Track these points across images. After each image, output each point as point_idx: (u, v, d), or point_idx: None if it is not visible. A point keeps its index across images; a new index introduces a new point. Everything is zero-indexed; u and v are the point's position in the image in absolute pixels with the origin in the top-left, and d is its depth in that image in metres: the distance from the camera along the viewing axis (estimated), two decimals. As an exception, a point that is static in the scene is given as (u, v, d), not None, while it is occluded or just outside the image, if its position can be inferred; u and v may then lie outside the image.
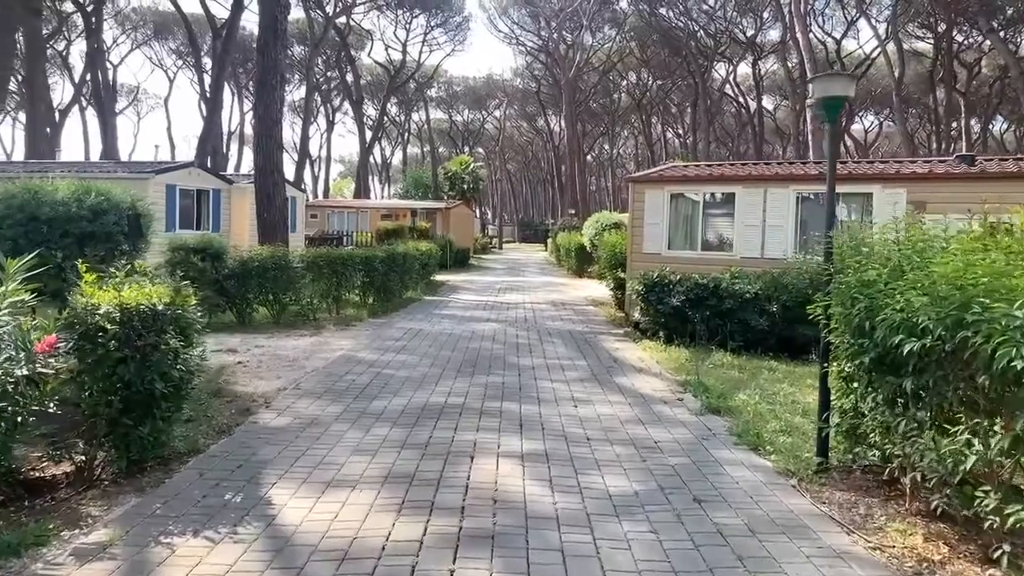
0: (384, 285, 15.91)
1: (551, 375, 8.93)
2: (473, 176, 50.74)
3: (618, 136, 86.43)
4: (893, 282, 4.72)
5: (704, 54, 53.62)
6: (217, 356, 9.76)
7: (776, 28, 56.25)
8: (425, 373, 8.86)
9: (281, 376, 8.59)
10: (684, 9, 51.83)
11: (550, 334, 12.47)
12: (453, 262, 31.52)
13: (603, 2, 54.30)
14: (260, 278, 12.83)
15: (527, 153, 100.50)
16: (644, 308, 11.54)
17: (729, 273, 11.17)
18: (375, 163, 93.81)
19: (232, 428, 6.36)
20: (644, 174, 13.51)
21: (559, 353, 10.51)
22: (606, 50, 60.65)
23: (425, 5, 56.07)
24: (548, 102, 69.66)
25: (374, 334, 12.08)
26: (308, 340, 11.40)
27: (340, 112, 76.77)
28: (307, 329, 12.62)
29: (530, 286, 23.61)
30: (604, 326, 13.77)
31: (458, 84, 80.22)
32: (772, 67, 62.18)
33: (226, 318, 13.09)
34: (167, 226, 16.96)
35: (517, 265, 36.87)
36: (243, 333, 12.03)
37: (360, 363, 9.42)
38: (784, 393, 8.05)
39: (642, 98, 66.56)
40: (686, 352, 10.54)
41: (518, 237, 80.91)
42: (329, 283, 13.93)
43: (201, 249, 12.40)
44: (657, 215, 12.54)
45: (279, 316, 13.31)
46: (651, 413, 7.18)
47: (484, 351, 10.59)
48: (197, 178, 18.23)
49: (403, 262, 16.89)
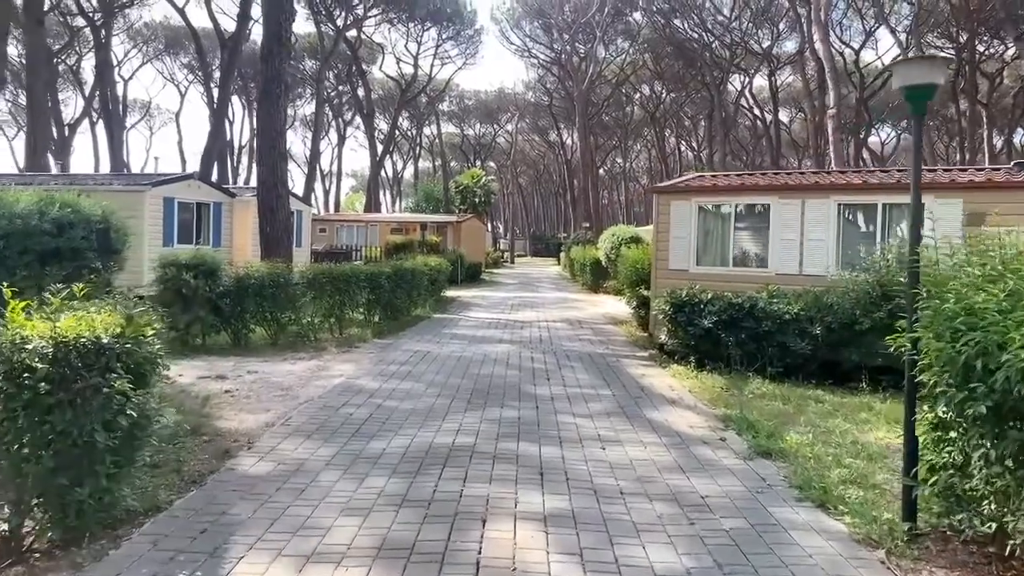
0: (390, 303, 15.02)
1: (573, 407, 7.97)
2: (485, 190, 49.99)
3: (631, 149, 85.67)
4: (1017, 311, 3.75)
5: (719, 66, 52.77)
6: (204, 384, 8.90)
7: (792, 39, 55.60)
8: (431, 405, 7.92)
9: (271, 408, 7.68)
10: (699, 20, 51.06)
11: (568, 357, 11.51)
12: (464, 277, 30.65)
13: (616, 14, 53.67)
14: (257, 296, 11.97)
15: (539, 167, 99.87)
16: (672, 330, 10.57)
17: (766, 292, 10.19)
18: (386, 177, 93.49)
19: (205, 477, 5.44)
20: (670, 184, 12.58)
21: (580, 380, 9.55)
22: (619, 62, 59.97)
23: (436, 18, 55.64)
24: (560, 115, 68.97)
25: (378, 357, 11.16)
26: (306, 364, 10.50)
27: (352, 126, 76.54)
28: (307, 351, 11.73)
29: (544, 302, 22.67)
30: (626, 348, 12.80)
31: (470, 98, 79.80)
32: (788, 79, 61.34)
33: (221, 339, 12.24)
34: (165, 240, 16.18)
35: (530, 280, 35.95)
36: (237, 356, 11.16)
37: (360, 392, 8.50)
38: (840, 431, 7.05)
39: (656, 110, 65.75)
40: (720, 379, 9.55)
41: (530, 251, 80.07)
42: (331, 302, 13.05)
43: (194, 265, 11.55)
44: (684, 228, 11.59)
45: (277, 337, 12.43)
46: (691, 457, 6.21)
47: (497, 378, 9.64)
48: (197, 191, 17.47)
49: (411, 278, 16.01)
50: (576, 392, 8.78)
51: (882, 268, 9.21)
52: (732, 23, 50.86)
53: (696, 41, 52.92)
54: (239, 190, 20.49)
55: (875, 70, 53.71)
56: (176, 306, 11.47)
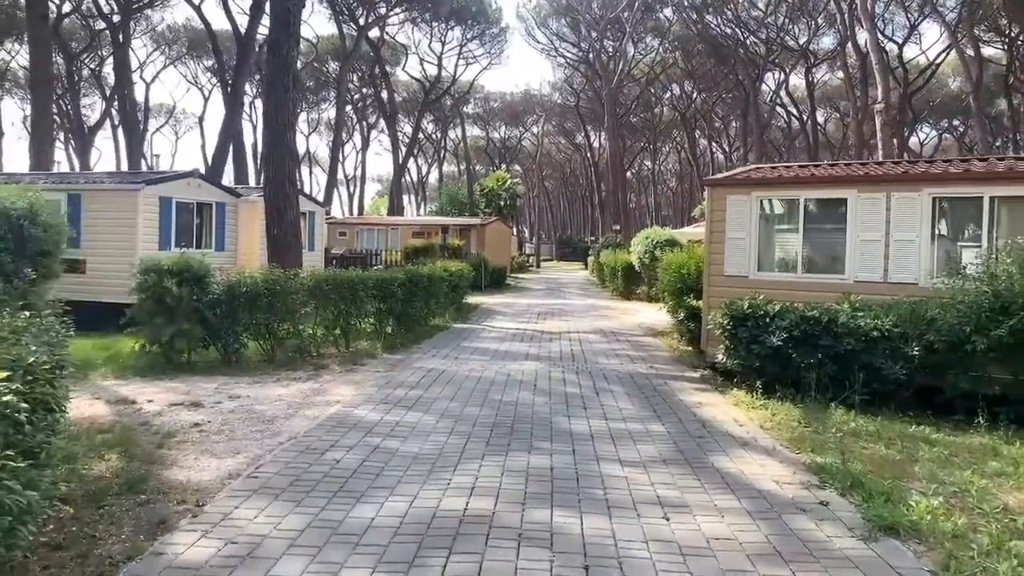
0: (404, 313, 13.50)
1: (619, 450, 6.33)
2: (510, 192, 48.48)
3: (659, 151, 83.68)
4: None
5: (754, 62, 50.70)
6: (174, 414, 7.44)
7: (830, 34, 53.37)
8: (441, 447, 6.34)
9: (242, 451, 6.16)
10: (734, 15, 49.05)
11: (606, 378, 9.87)
12: (489, 282, 29.11)
13: (646, 10, 51.93)
14: (250, 306, 10.51)
15: (565, 170, 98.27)
16: (731, 347, 8.89)
17: (847, 304, 8.47)
18: (411, 182, 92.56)
19: (118, 568, 3.91)
20: (726, 176, 10.89)
21: (624, 411, 7.91)
22: (648, 61, 58.16)
23: (461, 17, 54.34)
24: (588, 116, 67.31)
25: (384, 378, 9.62)
26: (300, 387, 8.99)
27: (376, 129, 75.63)
28: (305, 369, 10.24)
29: (573, 310, 21.03)
30: (672, 366, 11.11)
31: (495, 100, 78.51)
32: (823, 76, 58.98)
33: (210, 355, 10.81)
34: (161, 244, 14.84)
35: (557, 285, 34.30)
36: (225, 375, 9.70)
37: (355, 427, 6.95)
38: (975, 489, 5.34)
39: (686, 110, 63.76)
40: (795, 410, 7.85)
41: (556, 255, 78.39)
42: (336, 312, 11.54)
43: (177, 271, 10.13)
44: (742, 228, 9.90)
45: (274, 353, 10.97)
46: (789, 534, 4.55)
47: (523, 406, 8.04)
48: (197, 190, 16.10)
49: (428, 285, 14.47)
50: (621, 428, 7.14)
51: (1001, 275, 7.46)
52: (767, 18, 48.81)
53: (729, 37, 50.96)
54: (246, 190, 19.15)
55: (918, 66, 51.42)
56: (158, 317, 10.07)
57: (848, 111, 64.90)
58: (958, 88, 59.99)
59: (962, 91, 59.15)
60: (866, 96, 42.13)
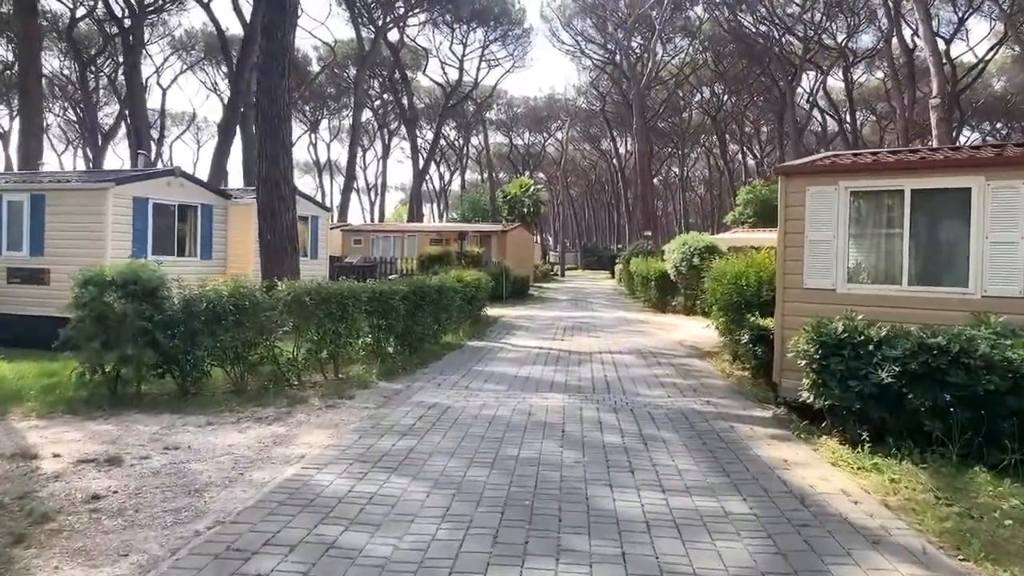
0: (408, 331, 11.53)
1: (692, 555, 4.22)
2: (533, 199, 46.48)
3: (687, 157, 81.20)
4: None
5: (791, 62, 48.21)
6: (78, 476, 5.55)
7: (868, 32, 50.78)
8: (425, 546, 4.28)
9: (133, 550, 4.18)
10: (769, 12, 46.67)
11: (654, 419, 7.76)
12: (510, 293, 27.09)
13: (675, 8, 49.79)
14: (213, 326, 8.58)
15: (589, 176, 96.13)
16: (820, 383, 6.75)
17: (984, 327, 6.30)
18: (433, 190, 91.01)
19: None
20: (806, 162, 8.75)
21: (686, 475, 5.79)
22: (677, 63, 55.95)
23: (483, 18, 52.72)
24: (614, 120, 65.21)
25: (372, 418, 7.61)
26: (262, 432, 7.02)
27: (397, 136, 74.21)
28: (278, 404, 8.28)
29: (603, 324, 18.91)
30: (732, 399, 8.97)
31: (518, 105, 76.86)
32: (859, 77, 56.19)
33: (168, 384, 8.89)
34: (135, 251, 13.04)
35: (583, 296, 32.17)
36: (176, 413, 7.78)
37: (311, 505, 4.94)
38: None
39: (716, 113, 61.33)
40: (919, 473, 5.70)
41: (581, 263, 76.22)
42: (321, 332, 9.57)
43: (123, 284, 8.24)
44: (827, 227, 7.75)
45: (244, 381, 9.02)
46: None
47: (548, 466, 5.96)
48: (180, 190, 14.28)
49: (437, 298, 12.49)
50: (687, 507, 5.03)
51: None
52: (804, 14, 46.34)
53: (763, 36, 48.61)
54: (239, 192, 17.36)
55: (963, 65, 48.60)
56: (96, 340, 8.19)
57: (885, 113, 62.22)
58: (1002, 88, 56.96)
59: (1007, 92, 56.11)
60: (913, 93, 39.55)
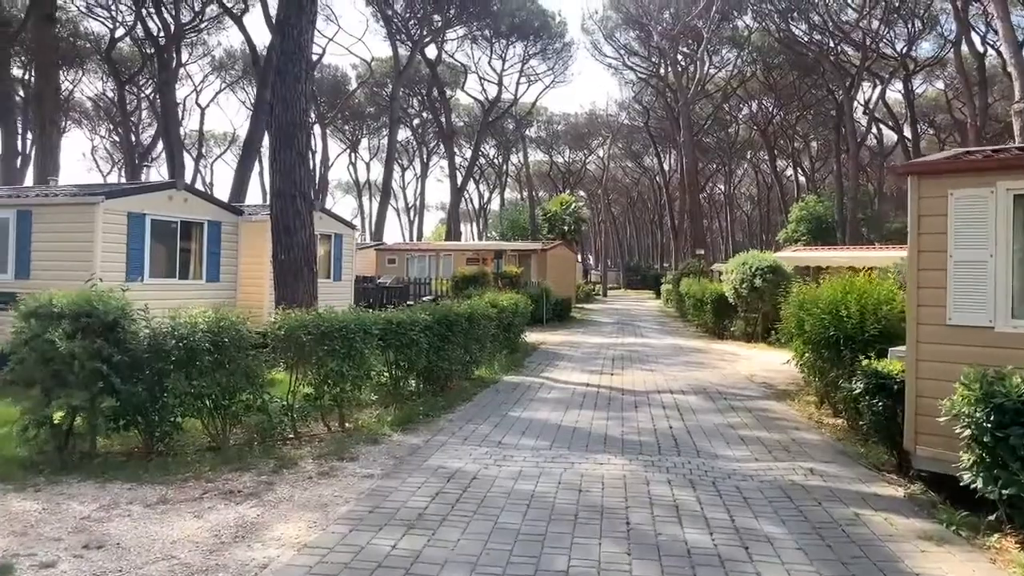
0: (431, 368, 9.76)
1: None
2: (574, 216, 44.69)
3: (732, 173, 78.55)
4: None
5: (847, 71, 45.62)
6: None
7: (929, 39, 47.95)
8: None
9: None
10: (822, 20, 44.25)
11: (746, 500, 5.80)
12: (551, 315, 25.24)
13: (723, 18, 47.73)
14: (187, 368, 6.91)
15: (631, 194, 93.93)
16: (990, 462, 4.75)
17: None
18: (472, 208, 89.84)
19: None
20: (946, 158, 6.76)
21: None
22: (724, 75, 53.75)
23: (522, 32, 51.37)
24: (657, 136, 63.14)
25: (372, 496, 5.81)
26: (222, 518, 5.27)
27: (436, 155, 73.30)
28: (260, 468, 6.56)
29: (655, 354, 16.91)
30: (835, 462, 6.94)
31: (558, 122, 75.36)
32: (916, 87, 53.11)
33: (133, 439, 7.24)
34: (130, 272, 11.59)
35: (628, 318, 30.13)
36: (127, 482, 6.11)
37: None
38: None
39: (766, 127, 58.80)
40: None
41: (623, 283, 73.96)
42: (322, 373, 7.85)
43: (74, 316, 6.62)
44: (981, 243, 5.76)
45: (226, 435, 7.32)
46: None
47: (611, 590, 4.09)
48: (183, 205, 12.81)
49: (466, 327, 10.71)
50: None
51: None
52: (861, 21, 43.80)
53: (817, 44, 46.17)
54: (253, 208, 15.88)
55: None
56: (36, 388, 6.60)
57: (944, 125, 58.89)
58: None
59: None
60: (985, 100, 36.80)
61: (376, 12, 46.15)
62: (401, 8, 45.56)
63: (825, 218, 46.14)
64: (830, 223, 45.64)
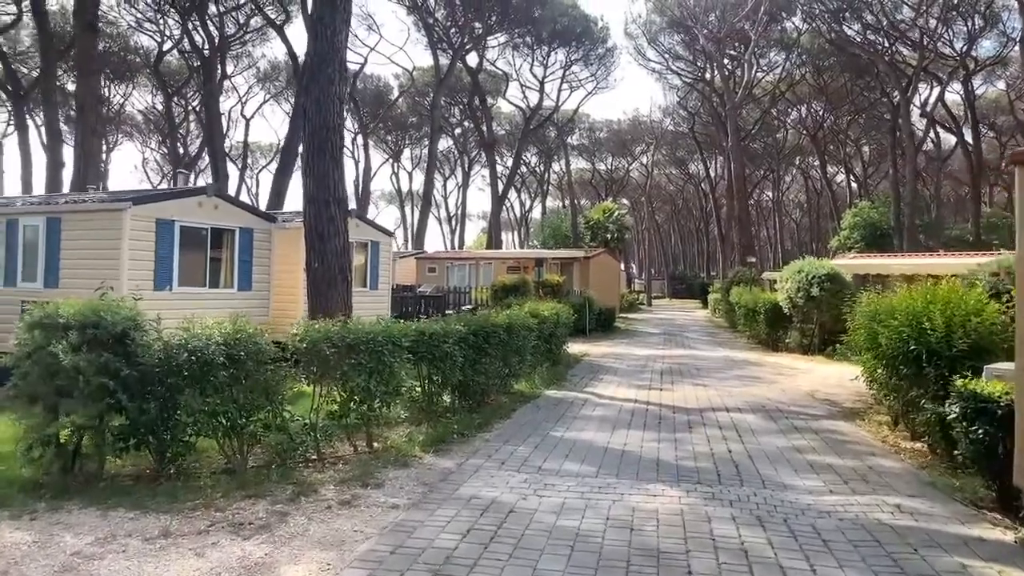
0: (467, 383, 9.10)
1: None
2: (618, 224, 43.74)
3: (780, 179, 76.49)
4: None
5: (903, 72, 43.80)
6: None
7: (990, 37, 45.81)
8: None
9: None
10: (876, 19, 42.60)
11: (826, 544, 4.97)
12: (594, 325, 24.42)
13: (771, 20, 46.37)
14: (200, 383, 6.38)
15: (676, 202, 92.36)
16: None
17: None
18: (513, 217, 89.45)
19: None
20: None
21: None
22: (772, 79, 52.21)
23: (564, 38, 50.69)
24: (704, 141, 61.78)
25: (395, 531, 5.14)
26: (225, 556, 4.67)
27: (478, 164, 73.05)
28: (275, 496, 5.95)
29: (707, 367, 15.98)
30: (923, 495, 6.04)
31: (600, 129, 74.38)
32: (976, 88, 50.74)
33: (144, 460, 6.73)
34: (158, 283, 11.23)
35: (675, 329, 29.09)
36: (132, 509, 5.57)
37: None
38: None
39: (816, 132, 57.00)
40: None
41: (668, 292, 72.52)
42: (347, 390, 7.25)
43: (80, 327, 6.14)
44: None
45: (243, 456, 6.76)
46: None
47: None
48: (214, 212, 12.44)
49: (505, 339, 10.03)
50: None
51: None
52: (918, 19, 42.00)
53: (870, 45, 44.46)
54: (288, 216, 15.49)
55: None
56: (39, 404, 6.13)
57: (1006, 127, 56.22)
58: None
59: None
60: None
61: (418, 21, 46.06)
62: (442, 16, 45.45)
63: (880, 225, 44.34)
64: (885, 230, 43.84)
